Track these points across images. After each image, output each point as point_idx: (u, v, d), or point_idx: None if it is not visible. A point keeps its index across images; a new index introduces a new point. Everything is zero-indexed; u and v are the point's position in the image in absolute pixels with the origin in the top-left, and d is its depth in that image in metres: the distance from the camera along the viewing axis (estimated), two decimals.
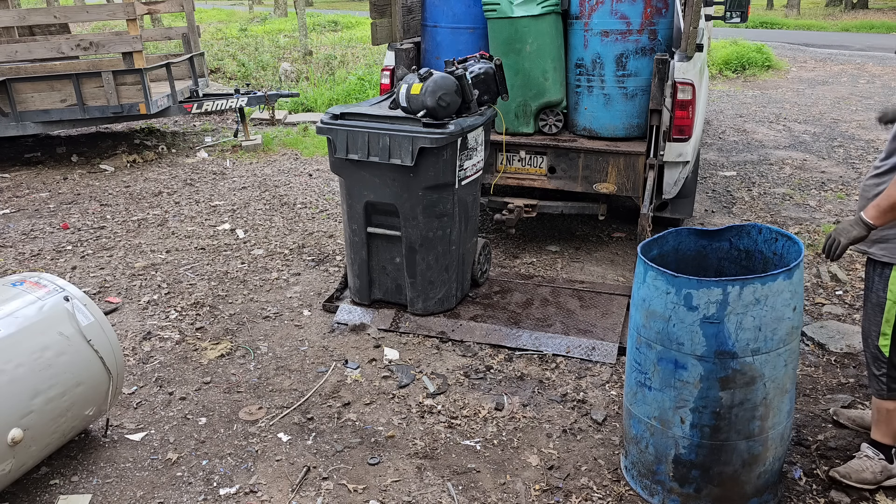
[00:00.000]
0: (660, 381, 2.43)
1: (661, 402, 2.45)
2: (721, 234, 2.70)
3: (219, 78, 12.18)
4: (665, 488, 2.55)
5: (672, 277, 2.29)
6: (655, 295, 2.35)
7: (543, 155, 4.57)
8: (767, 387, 2.35)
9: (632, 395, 2.58)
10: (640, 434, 2.57)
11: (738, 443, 2.41)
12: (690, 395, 2.38)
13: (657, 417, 2.48)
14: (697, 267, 2.74)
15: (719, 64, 12.88)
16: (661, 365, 2.41)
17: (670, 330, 2.33)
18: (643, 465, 2.61)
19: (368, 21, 4.72)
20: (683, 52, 4.11)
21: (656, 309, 2.35)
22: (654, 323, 2.37)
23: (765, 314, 2.26)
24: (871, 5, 26.91)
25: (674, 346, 2.35)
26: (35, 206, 6.02)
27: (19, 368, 2.46)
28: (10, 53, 7.06)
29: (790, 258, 2.52)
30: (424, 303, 3.94)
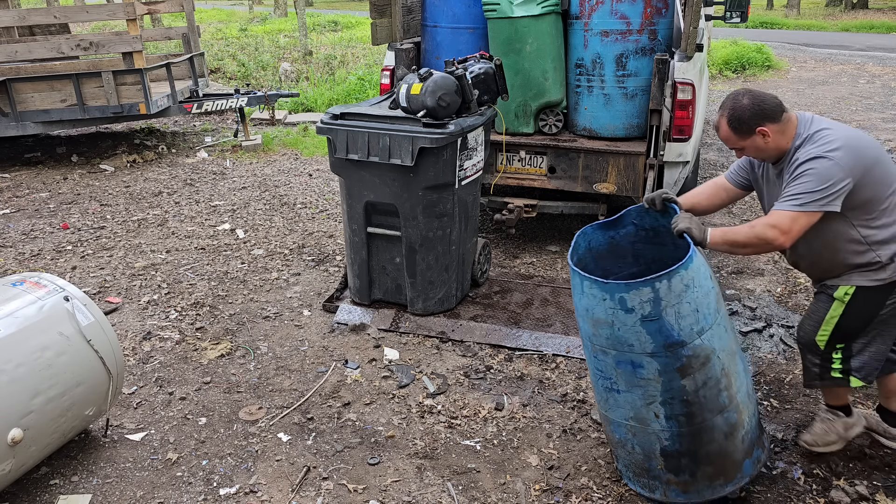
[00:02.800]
0: (624, 382, 2.45)
1: (633, 402, 2.47)
2: (622, 220, 2.72)
3: (219, 78, 12.18)
4: (662, 481, 2.57)
5: (604, 284, 2.31)
6: (595, 303, 2.36)
7: (543, 155, 4.57)
8: (722, 358, 2.39)
9: (604, 402, 2.59)
10: (624, 437, 2.59)
11: (714, 419, 2.44)
12: (656, 391, 2.40)
13: (633, 417, 2.50)
14: (615, 257, 2.77)
15: (719, 64, 12.88)
16: (621, 367, 2.42)
17: (617, 334, 2.35)
18: (635, 465, 2.62)
19: (368, 21, 4.72)
20: (683, 52, 4.11)
21: (600, 316, 2.36)
22: (602, 329, 2.39)
23: (696, 295, 2.30)
24: (871, 5, 26.91)
25: (625, 348, 2.36)
26: (35, 206, 6.02)
27: (19, 368, 2.46)
28: (10, 53, 7.07)
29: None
30: (424, 303, 3.94)
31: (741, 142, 2.51)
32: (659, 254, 2.74)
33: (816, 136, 2.42)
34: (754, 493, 2.66)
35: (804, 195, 2.34)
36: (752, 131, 2.47)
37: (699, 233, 2.40)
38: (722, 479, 2.54)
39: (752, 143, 2.50)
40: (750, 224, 2.43)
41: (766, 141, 2.47)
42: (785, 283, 4.42)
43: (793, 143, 2.47)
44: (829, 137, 2.39)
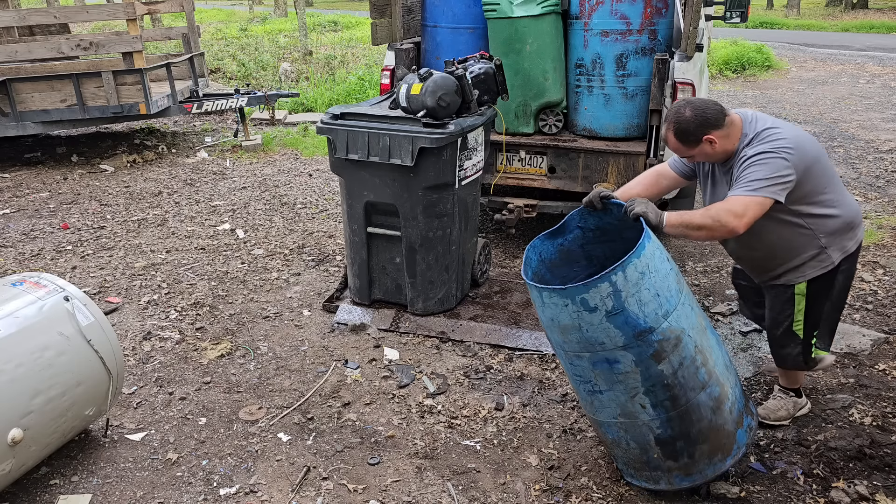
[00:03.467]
0: (605, 381, 2.45)
1: (617, 399, 2.48)
2: (567, 226, 2.72)
3: (219, 78, 12.18)
4: (664, 470, 2.59)
5: (562, 290, 2.31)
6: (558, 311, 2.36)
7: (543, 155, 4.57)
8: (693, 336, 2.43)
9: (590, 406, 2.59)
10: (616, 436, 2.59)
11: (698, 397, 2.47)
12: (636, 382, 2.42)
13: (621, 414, 2.51)
14: (569, 263, 2.77)
15: (719, 64, 12.88)
16: (598, 367, 2.42)
17: (587, 335, 2.36)
18: (634, 461, 2.63)
19: (368, 21, 4.72)
20: (683, 52, 4.10)
21: (566, 322, 2.36)
22: (571, 335, 2.39)
23: (654, 280, 2.33)
24: (871, 5, 26.90)
25: (597, 347, 2.37)
26: (35, 206, 6.02)
27: (19, 368, 2.46)
28: (10, 53, 7.06)
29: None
30: (424, 303, 3.94)
31: (690, 151, 2.63)
32: (611, 251, 2.76)
33: (764, 135, 2.54)
34: (754, 493, 2.66)
35: (756, 181, 2.45)
36: (699, 141, 2.57)
37: (655, 216, 2.42)
38: (720, 455, 2.58)
39: (701, 150, 2.60)
40: (706, 208, 2.49)
41: (714, 147, 2.58)
42: None
43: (740, 143, 2.58)
44: (777, 135, 2.52)
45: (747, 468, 2.79)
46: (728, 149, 2.59)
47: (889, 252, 4.83)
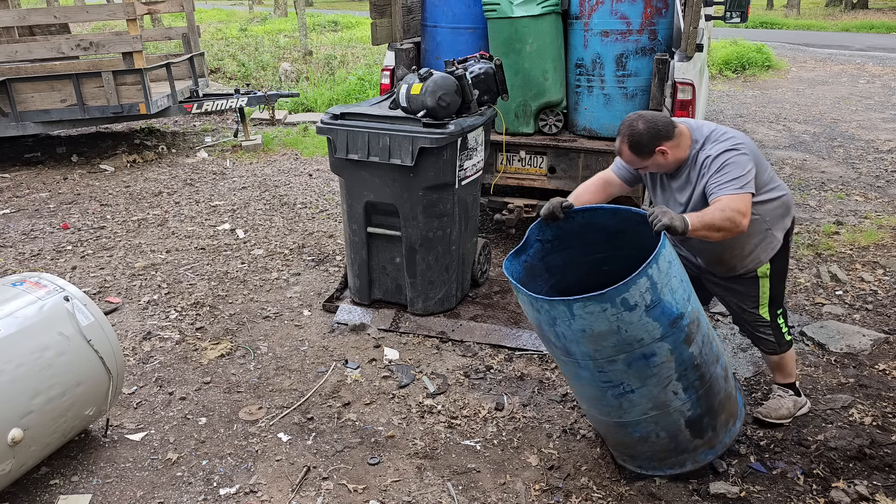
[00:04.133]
0: (637, 379, 2.46)
1: (649, 394, 2.49)
2: (527, 241, 2.71)
3: (219, 78, 12.18)
4: (690, 450, 2.66)
5: (602, 295, 2.27)
6: (593, 319, 2.32)
7: (543, 155, 4.57)
8: (702, 313, 2.58)
9: (616, 411, 2.56)
10: (645, 432, 2.60)
11: (716, 370, 2.60)
12: (670, 370, 2.46)
13: (653, 408, 2.53)
14: (534, 278, 2.76)
15: (719, 64, 12.87)
16: (633, 367, 2.42)
17: (625, 336, 2.35)
18: (661, 453, 2.67)
19: (368, 21, 4.72)
20: (683, 52, 4.10)
21: (602, 329, 2.33)
22: (607, 341, 2.36)
23: (676, 266, 2.46)
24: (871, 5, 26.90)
25: (635, 346, 2.37)
26: (35, 206, 6.02)
27: (19, 368, 2.46)
28: (10, 53, 7.06)
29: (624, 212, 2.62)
30: (424, 303, 3.94)
31: (644, 162, 2.70)
32: (570, 258, 2.79)
33: (714, 136, 2.68)
34: (754, 493, 2.66)
35: (737, 180, 2.55)
36: (652, 152, 2.65)
37: (681, 223, 2.43)
38: (732, 420, 2.74)
39: (654, 161, 2.69)
40: (718, 208, 2.50)
41: (666, 157, 2.66)
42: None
43: (691, 150, 2.69)
44: (727, 135, 2.67)
45: (747, 468, 2.79)
46: (679, 157, 2.69)
47: (889, 252, 4.83)
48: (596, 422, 2.79)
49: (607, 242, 2.76)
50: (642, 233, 2.54)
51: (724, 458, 2.84)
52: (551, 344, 2.52)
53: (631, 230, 2.64)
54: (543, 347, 3.67)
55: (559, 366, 2.67)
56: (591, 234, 2.71)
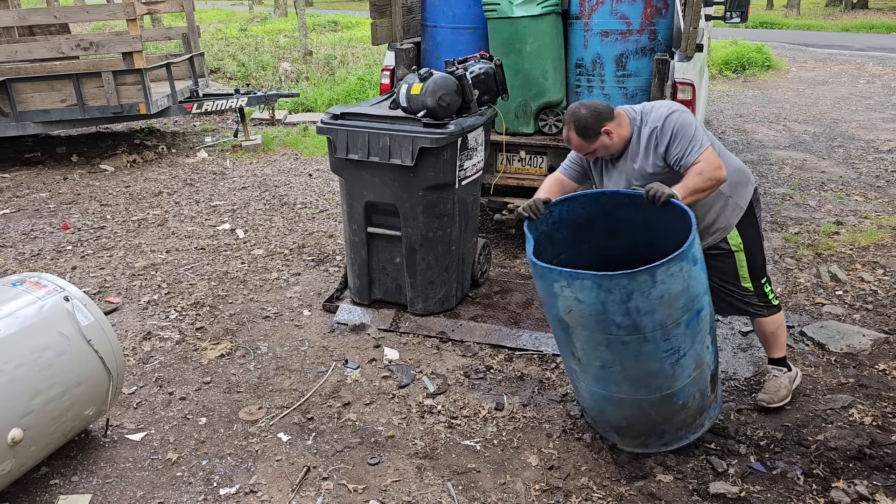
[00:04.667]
0: (690, 339, 2.58)
1: (695, 352, 2.63)
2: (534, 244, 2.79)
3: (219, 78, 12.18)
4: (706, 406, 2.81)
5: (680, 254, 2.42)
6: (671, 282, 2.44)
7: (543, 155, 4.57)
8: None
9: (669, 380, 2.62)
10: (687, 396, 2.69)
11: (714, 321, 2.82)
12: (707, 322, 2.65)
13: (695, 367, 2.66)
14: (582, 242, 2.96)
15: (719, 64, 12.87)
16: (690, 326, 2.55)
17: (690, 293, 2.50)
18: (691, 415, 2.77)
19: (368, 21, 4.72)
20: (683, 52, 4.11)
21: (678, 289, 2.46)
22: (679, 301, 2.47)
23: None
24: (871, 5, 26.90)
25: (695, 302, 2.53)
26: (35, 206, 6.02)
27: (19, 368, 2.46)
28: (10, 53, 7.06)
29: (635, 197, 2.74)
30: (424, 303, 3.94)
31: (591, 146, 2.85)
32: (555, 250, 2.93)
33: (648, 109, 2.87)
34: (754, 493, 2.66)
35: (693, 140, 2.73)
36: (598, 133, 2.82)
37: (670, 193, 2.63)
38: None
39: (601, 143, 2.85)
40: (695, 172, 2.69)
41: (611, 137, 2.84)
42: (785, 284, 4.42)
43: (633, 129, 2.87)
44: (660, 104, 2.87)
45: (747, 468, 2.79)
46: (623, 136, 2.86)
47: (889, 252, 4.83)
48: (632, 409, 2.72)
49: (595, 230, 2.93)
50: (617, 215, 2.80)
51: (724, 458, 2.84)
52: (611, 328, 2.49)
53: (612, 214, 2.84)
54: (543, 347, 3.67)
55: (603, 358, 2.61)
56: (559, 232, 2.88)
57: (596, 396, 2.78)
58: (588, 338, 2.57)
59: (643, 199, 2.67)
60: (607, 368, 2.63)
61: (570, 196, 2.88)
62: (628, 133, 2.88)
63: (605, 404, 2.78)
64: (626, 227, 2.86)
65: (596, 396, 2.78)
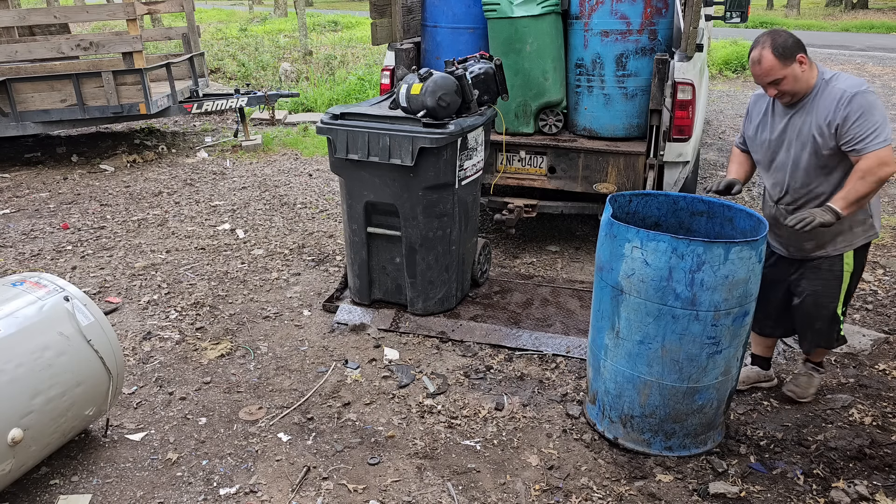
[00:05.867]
0: (731, 338, 2.62)
1: (729, 355, 2.67)
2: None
3: (219, 78, 12.18)
4: (717, 424, 2.84)
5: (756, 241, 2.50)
6: (739, 265, 2.50)
7: (543, 155, 4.57)
8: None
9: (699, 372, 2.65)
10: (708, 399, 2.71)
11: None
12: (746, 333, 2.70)
13: (723, 372, 2.70)
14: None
15: (719, 64, 12.88)
16: (735, 324, 2.60)
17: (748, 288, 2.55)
18: (702, 426, 2.78)
19: (368, 21, 4.72)
20: (683, 52, 4.11)
21: (741, 276, 2.51)
22: (738, 289, 2.54)
23: None
24: (871, 5, 26.90)
25: (748, 300, 2.58)
26: (35, 206, 6.02)
27: (19, 368, 2.46)
28: (10, 53, 7.06)
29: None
30: (424, 303, 3.94)
31: (783, 70, 2.65)
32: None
33: (841, 76, 2.69)
34: (754, 493, 2.66)
35: (877, 131, 2.56)
36: (793, 58, 2.65)
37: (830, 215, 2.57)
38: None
39: (792, 71, 2.66)
40: (858, 177, 2.57)
41: (803, 69, 2.67)
42: None
43: (819, 79, 2.70)
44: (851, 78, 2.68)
45: (747, 468, 2.79)
46: (811, 79, 2.69)
47: (889, 252, 4.83)
48: (655, 396, 2.73)
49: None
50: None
51: (724, 457, 2.84)
52: (667, 298, 2.54)
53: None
54: (543, 347, 3.67)
55: (645, 332, 2.64)
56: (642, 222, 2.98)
57: (619, 377, 2.80)
58: (638, 307, 2.62)
59: (721, 210, 2.78)
60: (646, 344, 2.66)
61: (651, 192, 2.93)
62: (814, 80, 2.70)
63: (627, 387, 2.79)
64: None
65: (619, 377, 2.80)
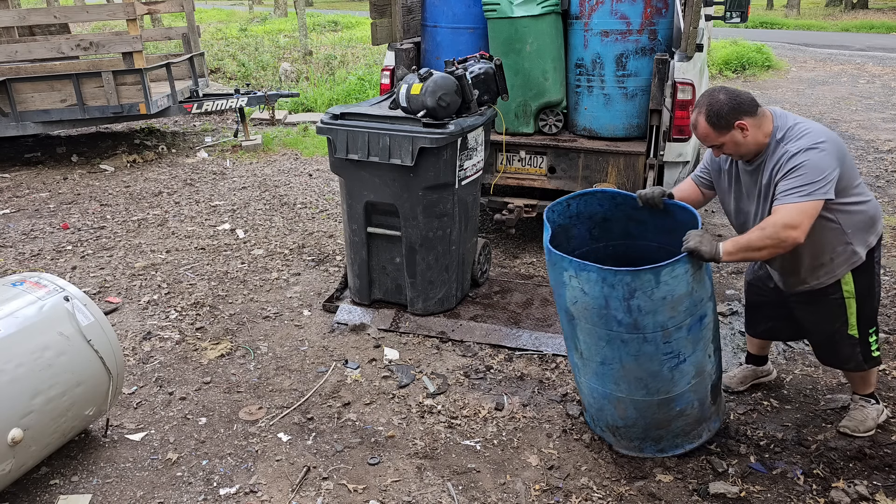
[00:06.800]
0: (692, 345, 2.58)
1: (697, 360, 2.62)
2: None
3: (219, 78, 12.18)
4: (707, 417, 2.78)
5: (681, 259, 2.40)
6: (676, 283, 2.42)
7: (543, 155, 4.57)
8: None
9: (667, 384, 2.62)
10: (685, 403, 2.67)
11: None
12: (710, 330, 2.63)
13: (695, 375, 2.63)
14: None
15: (719, 64, 12.87)
16: (692, 332, 2.55)
17: (694, 297, 2.48)
18: (690, 424, 2.74)
19: (368, 21, 4.72)
20: (683, 52, 4.10)
21: (682, 292, 2.44)
22: (682, 304, 2.46)
23: None
24: (871, 5, 26.90)
25: (699, 307, 2.51)
26: (35, 206, 6.02)
27: (19, 368, 2.46)
28: (10, 53, 7.06)
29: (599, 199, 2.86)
30: (424, 303, 3.94)
31: (720, 138, 2.55)
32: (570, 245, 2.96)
33: (797, 130, 2.49)
34: (754, 493, 2.66)
35: (805, 186, 2.38)
36: (730, 126, 2.51)
37: (709, 250, 2.41)
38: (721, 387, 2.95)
39: (731, 138, 2.54)
40: (759, 227, 2.43)
41: (745, 135, 2.52)
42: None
43: (772, 138, 2.53)
44: (812, 130, 2.48)
45: (747, 468, 2.79)
46: (759, 141, 2.54)
47: (889, 252, 4.83)
48: (630, 410, 2.72)
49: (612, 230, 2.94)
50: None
51: (724, 457, 2.84)
52: (612, 324, 2.49)
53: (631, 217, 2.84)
54: (543, 347, 3.67)
55: (603, 354, 2.61)
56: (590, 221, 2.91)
57: (595, 393, 2.80)
58: (590, 332, 2.59)
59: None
60: (607, 365, 2.64)
61: (588, 191, 2.86)
62: (765, 141, 2.54)
63: (604, 402, 2.79)
64: (643, 230, 2.86)
65: (595, 393, 2.80)
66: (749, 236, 2.43)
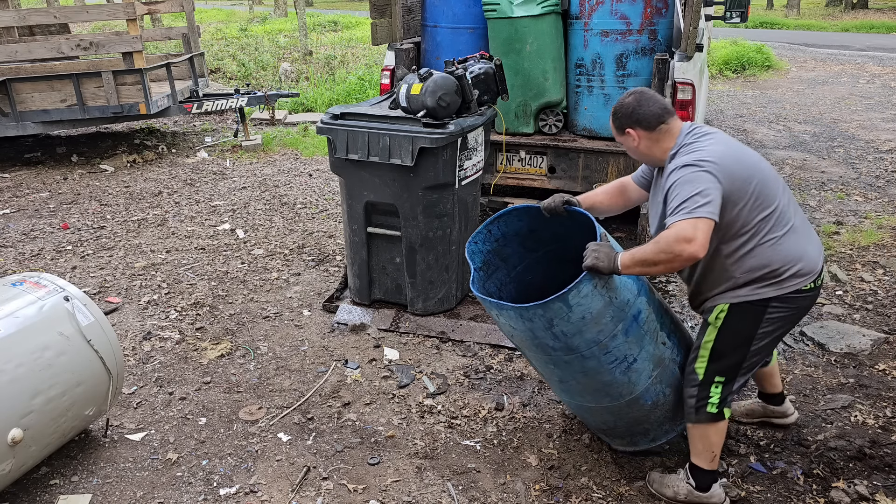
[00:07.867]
0: (636, 343, 2.52)
1: (649, 353, 2.57)
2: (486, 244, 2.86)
3: (219, 78, 12.18)
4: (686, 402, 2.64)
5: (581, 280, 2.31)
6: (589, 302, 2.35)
7: (543, 155, 4.57)
8: None
9: (628, 386, 2.59)
10: (656, 396, 2.65)
11: (672, 312, 2.82)
12: (654, 321, 2.58)
13: (654, 367, 2.60)
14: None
15: (719, 64, 12.88)
16: (630, 333, 2.50)
17: (616, 304, 2.44)
18: (666, 415, 2.71)
19: (368, 21, 4.72)
20: (683, 52, 4.11)
21: (599, 307, 2.38)
22: (605, 316, 2.41)
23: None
24: (871, 5, 26.90)
25: (626, 309, 2.46)
26: (35, 206, 6.02)
27: (19, 368, 2.46)
28: (10, 53, 7.06)
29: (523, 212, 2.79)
30: (424, 303, 3.94)
31: (618, 137, 2.58)
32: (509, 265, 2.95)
33: (692, 147, 2.37)
34: (754, 493, 2.66)
35: (687, 202, 2.22)
36: (622, 130, 2.52)
37: (607, 265, 2.30)
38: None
39: (624, 141, 2.56)
40: (655, 240, 2.28)
41: (636, 144, 2.50)
42: None
43: (669, 154, 2.45)
44: (704, 149, 2.33)
45: (747, 468, 2.79)
46: (655, 155, 2.49)
47: (889, 252, 4.83)
48: (605, 415, 2.73)
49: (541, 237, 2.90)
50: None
51: (724, 457, 2.84)
52: (548, 350, 2.50)
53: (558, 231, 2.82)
54: None
55: (557, 375, 2.63)
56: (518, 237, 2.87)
57: (571, 405, 2.85)
58: (536, 358, 2.63)
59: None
60: (565, 383, 2.68)
61: (504, 211, 2.77)
62: (663, 156, 2.46)
63: (582, 412, 2.84)
64: (568, 231, 2.81)
65: (571, 405, 2.85)
66: (645, 249, 2.28)
